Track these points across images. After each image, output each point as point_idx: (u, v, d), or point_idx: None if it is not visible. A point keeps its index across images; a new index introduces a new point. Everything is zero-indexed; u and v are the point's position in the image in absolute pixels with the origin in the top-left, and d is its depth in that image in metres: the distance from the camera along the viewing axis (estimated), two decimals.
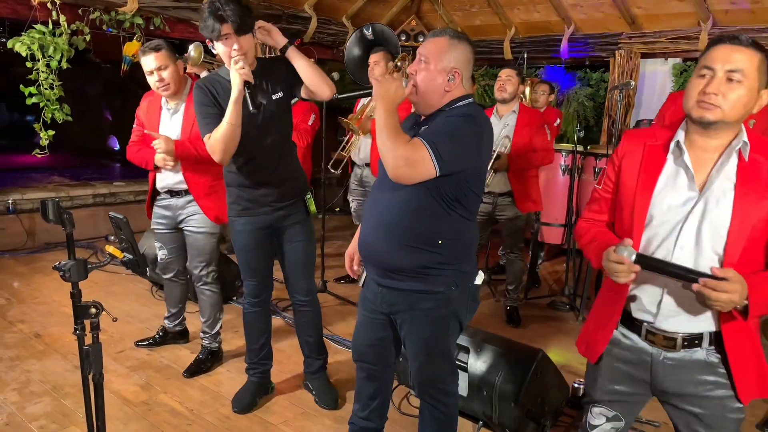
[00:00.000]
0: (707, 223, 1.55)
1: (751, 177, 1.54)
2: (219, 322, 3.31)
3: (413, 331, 2.03)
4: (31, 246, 5.51)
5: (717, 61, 1.53)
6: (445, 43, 1.91)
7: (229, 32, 2.36)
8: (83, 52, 5.12)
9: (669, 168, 1.64)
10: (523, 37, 6.97)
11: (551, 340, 3.83)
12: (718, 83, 1.51)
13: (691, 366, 1.64)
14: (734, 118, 1.53)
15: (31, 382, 3.04)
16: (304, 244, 2.79)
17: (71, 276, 1.70)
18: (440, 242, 1.91)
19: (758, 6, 5.28)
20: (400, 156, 1.77)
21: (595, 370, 1.83)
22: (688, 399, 1.67)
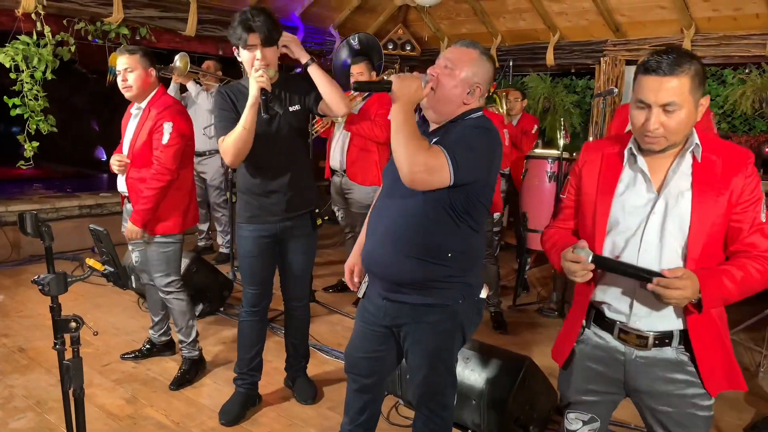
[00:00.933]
0: (669, 222, 1.61)
1: (707, 176, 1.60)
2: (193, 329, 3.28)
3: (418, 344, 2.00)
4: (16, 258, 5.45)
5: (649, 95, 1.55)
6: (475, 56, 1.91)
7: (255, 42, 2.47)
8: (69, 62, 5.10)
9: (626, 173, 1.71)
10: (509, 45, 7.03)
11: (539, 347, 3.82)
12: (656, 118, 1.55)
13: (662, 364, 1.68)
14: (680, 138, 1.60)
15: (14, 398, 3.00)
16: (306, 256, 2.87)
17: (50, 290, 1.67)
18: (450, 255, 1.89)
19: (740, 13, 5.35)
20: (420, 162, 1.74)
21: (566, 373, 1.87)
22: (659, 397, 1.70)
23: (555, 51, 6.61)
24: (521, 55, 6.87)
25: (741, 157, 1.61)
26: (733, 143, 1.69)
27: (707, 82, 6.29)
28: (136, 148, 3.02)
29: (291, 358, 3.12)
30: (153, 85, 3.07)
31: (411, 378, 2.11)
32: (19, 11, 4.55)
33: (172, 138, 2.97)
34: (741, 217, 1.59)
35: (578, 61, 6.61)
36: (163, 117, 2.97)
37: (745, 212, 1.59)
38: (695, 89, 1.55)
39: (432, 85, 1.88)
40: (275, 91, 2.58)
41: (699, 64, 1.56)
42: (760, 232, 1.59)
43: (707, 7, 5.46)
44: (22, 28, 4.63)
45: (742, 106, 5.83)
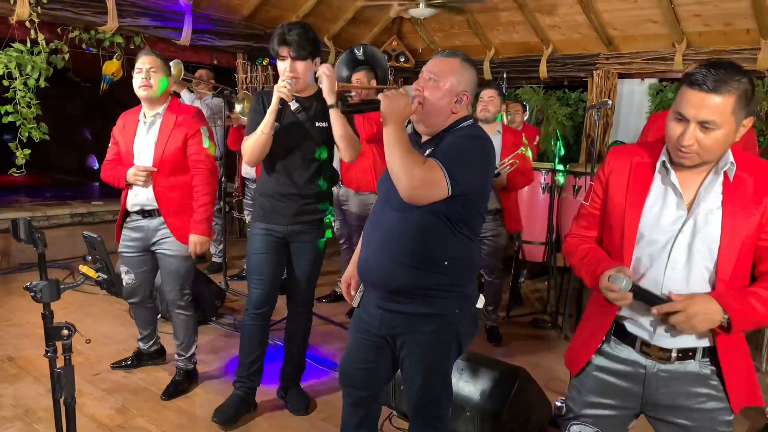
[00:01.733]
0: (698, 241, 1.57)
1: (738, 195, 1.56)
2: (194, 344, 3.26)
3: (413, 354, 1.98)
4: (6, 266, 5.40)
5: (689, 110, 1.49)
6: (457, 65, 1.92)
7: (285, 54, 2.61)
8: (62, 70, 5.09)
9: (657, 186, 1.65)
10: (502, 58, 7.08)
11: (533, 359, 3.82)
12: (692, 134, 1.50)
13: (684, 378, 1.65)
14: (714, 156, 1.54)
15: (2, 407, 2.96)
16: (310, 264, 2.91)
17: (43, 297, 1.65)
18: (446, 263, 1.89)
19: (731, 28, 5.42)
20: (417, 177, 1.75)
21: (578, 383, 1.82)
22: (679, 411, 1.66)
23: (548, 64, 6.67)
24: (514, 68, 6.92)
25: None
26: (764, 160, 1.62)
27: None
28: (166, 155, 2.93)
29: (287, 365, 3.10)
30: (168, 93, 3.04)
31: (406, 388, 2.09)
32: (14, 19, 4.54)
33: (211, 141, 3.03)
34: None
35: (571, 74, 6.67)
36: (198, 122, 2.99)
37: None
38: (739, 110, 1.48)
39: (419, 100, 1.90)
40: (307, 102, 2.70)
41: (749, 82, 1.48)
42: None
43: (698, 22, 5.54)
44: (16, 36, 4.63)
45: None
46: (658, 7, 5.51)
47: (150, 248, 3.09)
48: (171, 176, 2.98)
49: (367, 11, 6.87)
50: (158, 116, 2.99)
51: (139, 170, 2.94)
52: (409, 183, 1.75)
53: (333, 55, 7.02)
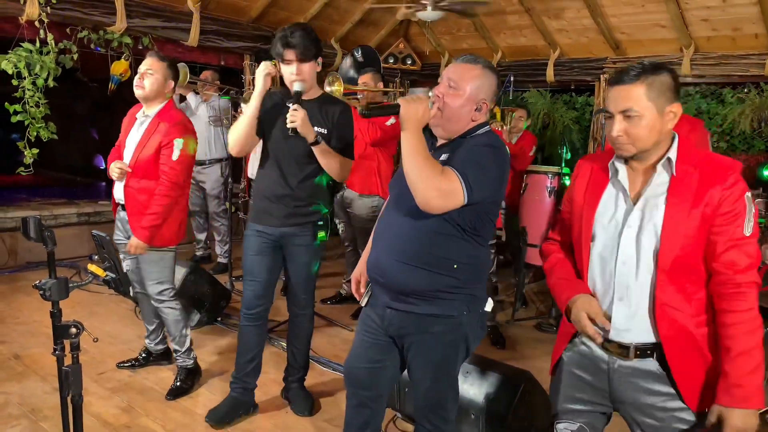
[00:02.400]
0: (643, 235, 1.64)
1: (682, 187, 1.61)
2: (187, 338, 3.26)
3: (421, 355, 1.98)
4: (13, 265, 5.42)
5: (611, 104, 1.64)
6: (478, 71, 1.89)
7: (291, 58, 2.60)
8: (71, 70, 5.12)
9: (609, 188, 1.75)
10: (509, 61, 7.08)
11: (538, 362, 3.80)
12: (618, 124, 1.62)
13: (644, 375, 1.68)
14: (648, 145, 1.63)
15: (8, 405, 2.97)
16: (307, 266, 2.89)
17: (52, 295, 1.67)
18: (455, 266, 1.89)
19: (739, 33, 5.41)
20: (434, 187, 1.74)
21: (555, 380, 1.88)
22: (643, 410, 1.69)
23: (555, 67, 6.66)
24: (521, 71, 6.91)
25: (721, 169, 1.60)
26: (721, 156, 1.69)
27: (704, 100, 6.35)
28: (141, 159, 2.99)
29: (290, 367, 3.10)
30: (165, 96, 3.06)
31: (413, 389, 2.09)
32: (23, 18, 4.57)
33: (183, 155, 2.98)
34: (718, 230, 1.58)
35: (578, 78, 6.66)
36: (174, 133, 2.96)
37: (723, 226, 1.57)
38: (657, 96, 1.59)
39: (438, 106, 1.88)
40: (307, 105, 2.67)
41: (666, 74, 1.60)
42: (736, 248, 1.56)
43: (706, 27, 5.52)
44: (26, 36, 4.65)
45: (741, 125, 5.87)
46: (666, 11, 5.49)
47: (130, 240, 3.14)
48: (142, 179, 3.01)
49: (374, 13, 6.89)
50: (148, 118, 3.05)
51: (116, 166, 3.03)
52: (426, 193, 1.75)
53: (339, 57, 7.04)
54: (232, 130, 2.74)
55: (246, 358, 2.92)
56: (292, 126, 2.53)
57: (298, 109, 2.54)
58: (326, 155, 2.68)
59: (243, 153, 2.83)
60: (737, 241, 1.57)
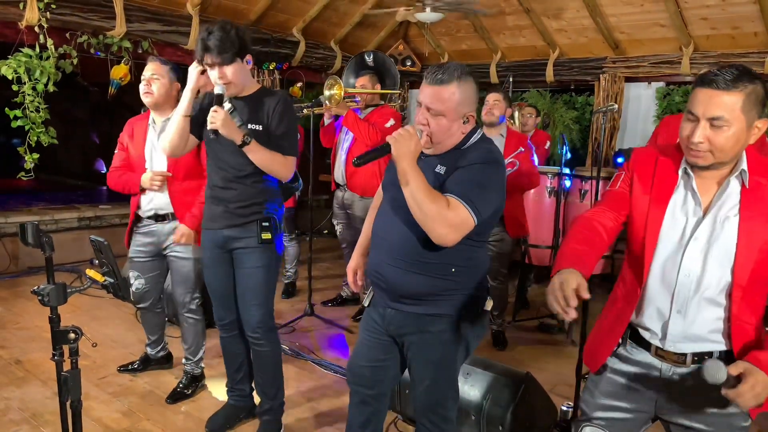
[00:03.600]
0: (714, 248, 1.57)
1: (755, 200, 1.55)
2: (202, 349, 3.27)
3: (421, 354, 2.01)
4: (14, 270, 5.43)
5: (699, 107, 1.51)
6: (454, 89, 1.85)
7: (210, 62, 2.42)
8: (71, 75, 5.12)
9: (680, 191, 1.65)
10: (509, 62, 7.08)
11: (539, 363, 3.80)
12: (702, 131, 1.51)
13: (701, 381, 1.60)
14: (727, 157, 1.54)
15: (9, 410, 2.97)
16: (254, 270, 2.62)
17: (50, 300, 1.67)
18: (453, 270, 1.91)
19: (738, 31, 5.40)
20: (446, 224, 1.75)
21: (592, 385, 1.81)
22: (694, 415, 1.65)
23: (554, 67, 6.66)
24: (521, 72, 6.92)
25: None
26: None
27: None
28: (180, 159, 2.94)
29: (262, 403, 2.83)
30: (175, 99, 3.04)
31: (413, 389, 2.10)
32: (23, 24, 4.57)
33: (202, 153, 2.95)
34: None
35: (578, 78, 6.65)
36: None
37: None
38: (749, 109, 1.49)
39: (427, 134, 1.88)
40: (241, 103, 2.55)
41: (761, 85, 1.50)
42: None
43: (705, 26, 5.52)
44: (25, 41, 4.65)
45: None
46: (665, 10, 5.49)
47: (162, 252, 3.12)
48: (185, 181, 3.00)
49: (373, 15, 6.89)
50: (167, 122, 3.00)
51: (156, 175, 2.98)
52: (439, 231, 1.76)
53: (339, 59, 7.04)
54: (165, 131, 2.61)
55: (233, 368, 2.90)
56: (212, 128, 2.39)
57: (217, 111, 2.38)
58: (260, 155, 2.48)
59: (177, 153, 2.62)
60: None
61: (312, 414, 3.08)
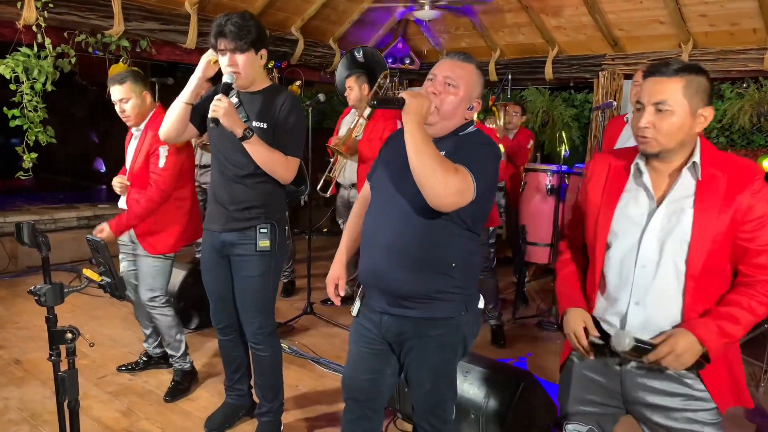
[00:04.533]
0: (669, 238, 1.61)
1: (709, 192, 1.59)
2: (181, 343, 3.26)
3: (421, 358, 1.96)
4: (13, 270, 5.43)
5: (644, 94, 1.61)
6: (473, 71, 1.90)
7: (224, 48, 2.38)
8: (69, 74, 5.11)
9: (630, 186, 1.71)
10: (507, 59, 7.06)
11: (539, 361, 3.80)
12: (648, 116, 1.59)
13: (659, 376, 1.66)
14: (674, 143, 1.60)
15: (8, 410, 2.97)
16: (253, 279, 2.58)
17: (46, 300, 1.66)
18: (453, 264, 1.87)
19: (737, 28, 5.39)
20: (452, 185, 1.70)
21: (564, 383, 1.87)
22: (659, 411, 1.67)
23: (553, 65, 6.64)
24: (520, 69, 6.90)
25: (747, 172, 1.59)
26: (742, 158, 1.66)
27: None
28: (135, 170, 3.03)
29: (261, 404, 2.82)
30: (149, 108, 3.08)
31: (412, 392, 2.06)
32: (21, 23, 4.56)
33: (169, 161, 2.97)
34: (749, 236, 1.57)
35: (577, 75, 6.64)
36: (159, 141, 2.92)
37: (753, 231, 1.56)
38: (692, 95, 1.57)
39: (436, 104, 1.85)
40: (248, 99, 2.51)
41: (704, 77, 1.59)
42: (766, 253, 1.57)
43: (704, 22, 5.51)
44: (23, 40, 4.64)
45: (741, 121, 5.86)
46: (664, 7, 5.48)
47: (133, 244, 3.17)
48: (141, 190, 3.03)
49: (372, 13, 6.88)
50: (140, 131, 3.09)
51: (116, 181, 3.10)
52: (443, 191, 1.70)
53: (338, 57, 7.03)
54: (165, 115, 2.55)
55: (231, 369, 2.89)
56: (213, 116, 2.29)
57: (221, 99, 2.31)
58: (260, 152, 2.41)
59: (171, 139, 2.56)
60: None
61: (312, 413, 3.08)
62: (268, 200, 2.58)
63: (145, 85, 3.06)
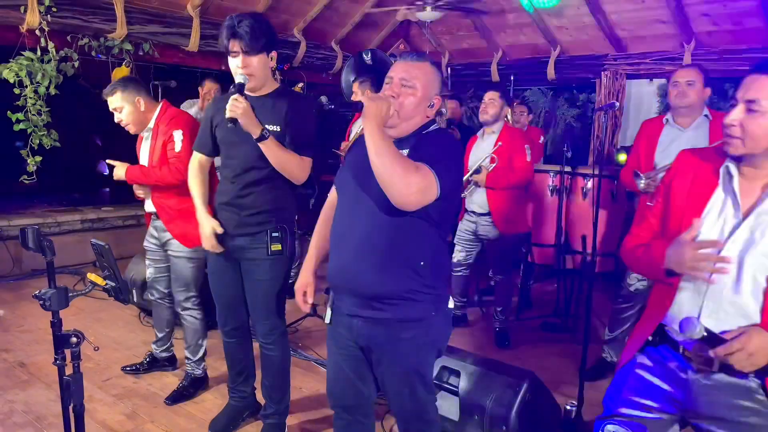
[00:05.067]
0: (752, 251, 1.51)
1: None
2: (201, 348, 3.26)
3: (395, 364, 1.93)
4: (18, 273, 5.45)
5: (741, 90, 1.46)
6: (428, 69, 1.90)
7: (236, 49, 2.37)
8: (72, 78, 5.13)
9: (718, 193, 1.60)
10: (510, 60, 7.06)
11: (543, 362, 3.79)
12: (736, 114, 1.47)
13: (728, 389, 1.59)
14: (761, 148, 1.48)
15: (14, 413, 2.98)
16: (265, 283, 2.59)
17: (51, 305, 1.67)
18: (422, 263, 1.86)
19: (740, 27, 5.37)
20: (413, 183, 1.70)
21: (619, 380, 1.78)
22: (720, 423, 1.60)
23: (556, 65, 6.64)
24: (522, 70, 6.90)
25: None
26: None
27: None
28: (155, 164, 3.03)
29: (267, 402, 2.82)
30: (149, 109, 3.07)
31: (391, 402, 2.02)
32: (24, 27, 4.58)
33: (185, 145, 2.97)
34: None
35: (579, 75, 6.63)
36: (173, 126, 3.00)
37: None
38: None
39: (395, 107, 1.85)
40: (259, 103, 2.48)
41: None
42: None
43: (707, 22, 5.50)
44: (27, 44, 4.66)
45: None
46: (667, 6, 5.47)
47: (164, 247, 3.18)
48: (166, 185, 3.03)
49: (374, 15, 6.88)
50: (150, 131, 3.10)
51: (137, 189, 3.13)
52: (405, 190, 1.69)
53: (340, 59, 7.04)
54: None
55: (235, 371, 2.89)
56: (232, 116, 2.30)
57: (238, 99, 2.31)
58: (276, 153, 2.41)
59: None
60: None
61: (315, 416, 3.08)
62: (279, 204, 2.58)
63: (138, 90, 3.03)
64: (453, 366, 2.77)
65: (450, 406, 2.74)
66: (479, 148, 4.08)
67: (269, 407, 2.79)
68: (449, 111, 5.76)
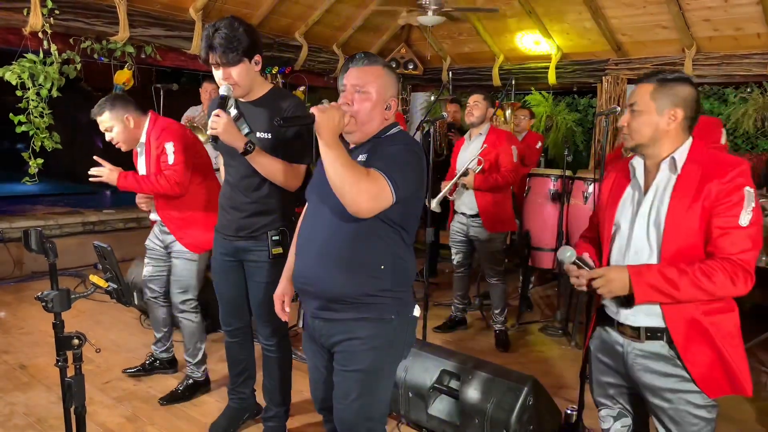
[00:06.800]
0: (652, 227, 1.77)
1: (685, 185, 1.73)
2: (200, 351, 3.26)
3: (348, 363, 1.90)
4: (19, 275, 5.45)
5: (628, 98, 1.86)
6: (383, 72, 1.90)
7: (215, 62, 2.33)
8: (74, 80, 5.14)
9: (629, 188, 1.89)
10: (511, 65, 7.07)
11: (544, 366, 3.79)
12: (624, 117, 1.83)
13: (655, 357, 1.77)
14: (645, 139, 1.79)
15: (14, 415, 2.98)
16: (267, 285, 2.55)
17: (54, 306, 1.67)
18: (382, 267, 1.86)
19: (741, 32, 5.39)
20: (364, 190, 1.71)
21: (589, 371, 2.02)
22: (655, 391, 1.78)
23: (557, 70, 6.65)
24: (523, 74, 6.91)
25: (723, 165, 1.69)
26: (730, 155, 1.81)
27: (707, 100, 6.35)
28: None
29: (267, 402, 2.83)
30: (138, 125, 3.06)
31: (336, 401, 1.97)
32: (27, 30, 4.60)
33: (177, 156, 2.97)
34: (715, 220, 1.68)
35: (580, 80, 6.65)
36: (163, 139, 2.97)
37: (719, 216, 1.67)
38: (660, 98, 1.76)
39: (350, 114, 1.85)
40: (248, 109, 2.47)
41: (685, 85, 1.76)
42: (727, 235, 1.66)
43: (708, 27, 5.51)
44: (29, 46, 4.68)
45: (745, 125, 5.85)
46: (668, 12, 5.48)
47: (167, 248, 3.20)
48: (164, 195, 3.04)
49: (375, 19, 6.90)
50: (142, 145, 3.11)
51: (141, 199, 3.17)
52: (356, 197, 1.71)
53: (341, 63, 7.05)
54: None
55: (235, 372, 2.89)
56: (213, 134, 2.27)
57: (219, 115, 2.27)
58: (263, 164, 2.39)
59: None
60: (730, 229, 1.66)
61: (316, 418, 3.06)
62: (278, 207, 2.57)
63: (126, 108, 3.01)
64: (453, 369, 2.77)
65: (451, 410, 2.74)
66: (467, 149, 4.15)
67: (270, 409, 2.79)
68: (450, 114, 5.78)
